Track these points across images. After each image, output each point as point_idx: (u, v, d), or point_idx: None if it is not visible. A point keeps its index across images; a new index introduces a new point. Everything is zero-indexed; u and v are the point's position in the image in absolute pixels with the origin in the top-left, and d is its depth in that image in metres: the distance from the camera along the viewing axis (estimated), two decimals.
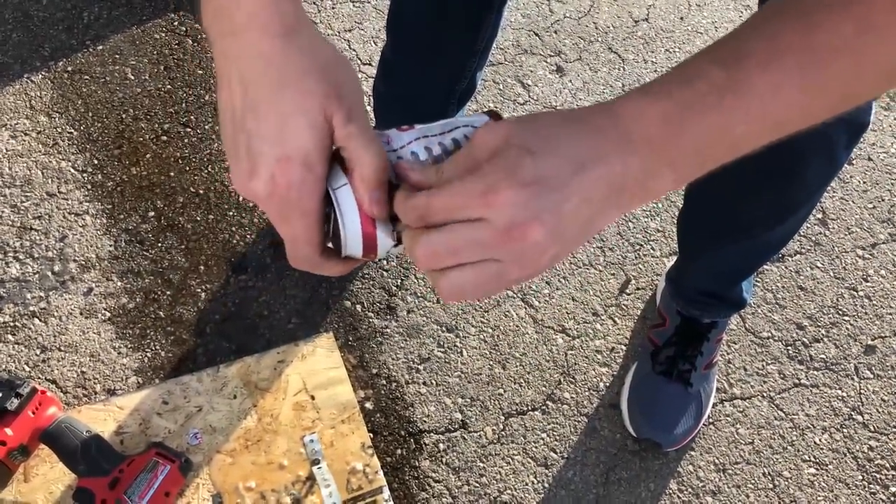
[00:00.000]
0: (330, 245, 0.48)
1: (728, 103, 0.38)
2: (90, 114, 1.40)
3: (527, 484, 1.14)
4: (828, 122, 0.89)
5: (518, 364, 1.23)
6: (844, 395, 1.25)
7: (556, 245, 0.39)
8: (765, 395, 1.24)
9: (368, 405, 1.18)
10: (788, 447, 1.20)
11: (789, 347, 1.28)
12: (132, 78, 1.45)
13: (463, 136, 0.47)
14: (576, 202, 0.38)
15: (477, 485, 1.13)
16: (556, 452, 1.17)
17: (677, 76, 0.40)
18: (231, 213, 1.32)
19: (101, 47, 1.47)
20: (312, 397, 1.13)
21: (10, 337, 1.17)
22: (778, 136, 0.40)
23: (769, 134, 0.40)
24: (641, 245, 1.37)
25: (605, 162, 0.38)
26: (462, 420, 1.18)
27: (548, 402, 1.20)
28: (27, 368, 1.15)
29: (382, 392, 1.19)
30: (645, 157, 0.39)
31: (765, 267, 1.35)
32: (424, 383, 1.20)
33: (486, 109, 0.50)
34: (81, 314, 1.21)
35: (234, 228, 1.31)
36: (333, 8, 1.58)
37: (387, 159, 0.44)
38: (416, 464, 1.14)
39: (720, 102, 0.38)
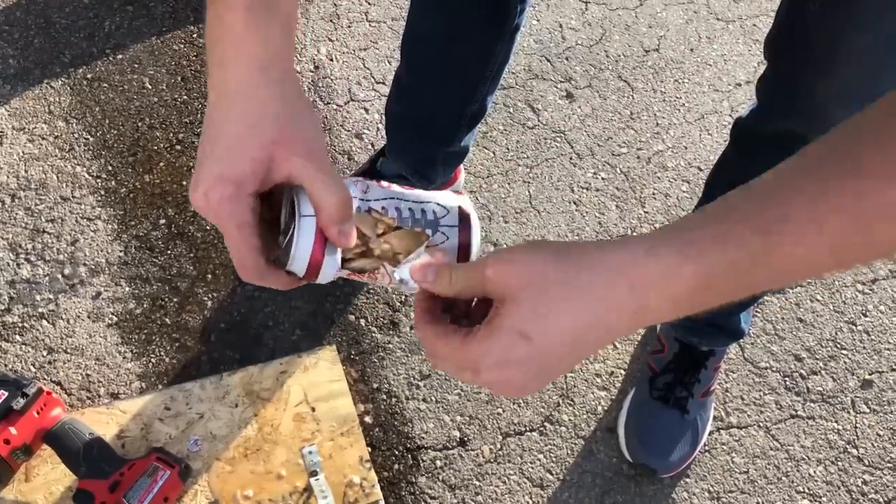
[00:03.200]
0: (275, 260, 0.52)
1: (759, 271, 0.38)
2: (107, 121, 1.42)
3: None
4: None
5: None
6: (840, 428, 1.25)
7: (539, 388, 0.44)
8: (761, 424, 1.24)
9: (368, 419, 1.19)
10: (783, 478, 1.20)
11: (787, 379, 1.29)
12: (149, 87, 1.48)
13: (433, 211, 0.52)
14: (563, 369, 0.42)
15: (472, 503, 1.14)
16: (552, 474, 1.17)
17: (712, 236, 0.38)
18: None
19: (120, 56, 1.50)
20: (313, 409, 1.15)
21: (17, 337, 1.19)
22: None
23: (783, 286, 0.41)
24: None
25: (607, 330, 0.40)
26: (460, 438, 1.19)
27: (546, 424, 1.21)
28: (33, 369, 1.17)
29: (382, 407, 1.20)
30: (654, 312, 0.39)
31: (765, 298, 1.36)
32: (424, 400, 1.21)
33: (458, 204, 0.53)
34: (89, 318, 1.22)
35: None
36: (349, 27, 1.61)
37: (348, 197, 0.48)
38: (413, 480, 1.15)
39: (752, 270, 0.38)
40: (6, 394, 1.02)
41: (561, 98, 1.58)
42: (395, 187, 0.52)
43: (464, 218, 0.52)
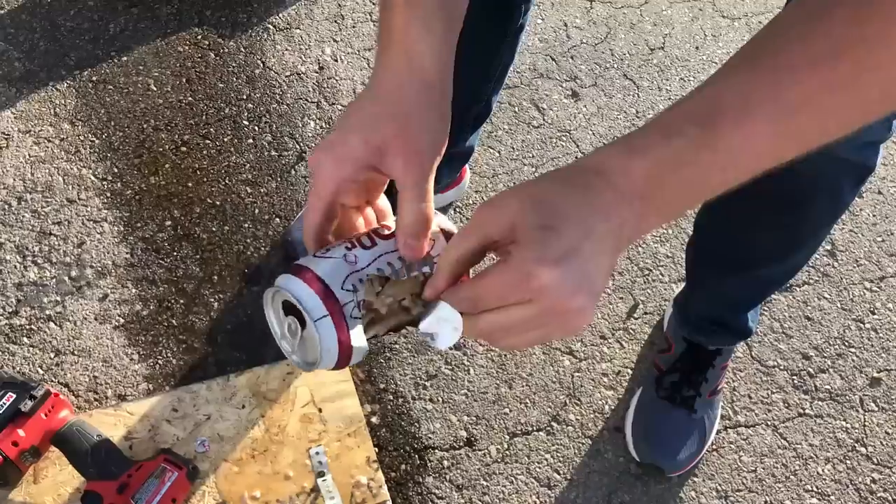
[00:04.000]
0: (291, 352, 0.52)
1: (704, 158, 0.42)
2: (112, 123, 1.43)
3: None
4: (836, 165, 0.90)
5: (524, 384, 1.24)
6: (849, 426, 1.25)
7: (592, 302, 0.43)
8: (769, 423, 1.24)
9: (375, 420, 1.19)
10: (791, 476, 1.20)
11: (795, 377, 1.29)
12: (155, 89, 1.48)
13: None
14: (596, 261, 0.42)
15: (480, 503, 1.14)
16: (559, 473, 1.17)
17: (656, 131, 0.42)
18: (246, 226, 1.34)
19: (125, 58, 1.51)
20: (320, 410, 1.15)
21: (25, 340, 1.20)
22: (752, 176, 0.43)
23: (743, 177, 0.43)
24: (650, 270, 1.38)
25: (606, 218, 0.42)
26: (467, 438, 1.19)
27: (553, 423, 1.21)
28: (41, 371, 1.17)
29: (389, 407, 1.20)
30: (636, 207, 0.42)
31: (772, 296, 1.35)
32: (431, 400, 1.21)
33: (438, 228, 0.53)
34: (96, 319, 1.23)
35: (248, 240, 1.33)
36: (354, 27, 1.61)
37: (426, 215, 0.49)
38: (421, 480, 1.15)
39: (696, 158, 0.41)
40: (14, 396, 1.02)
41: (566, 97, 1.58)
42: (379, 242, 0.51)
43: (450, 237, 0.52)
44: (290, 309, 0.50)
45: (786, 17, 0.44)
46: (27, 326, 1.21)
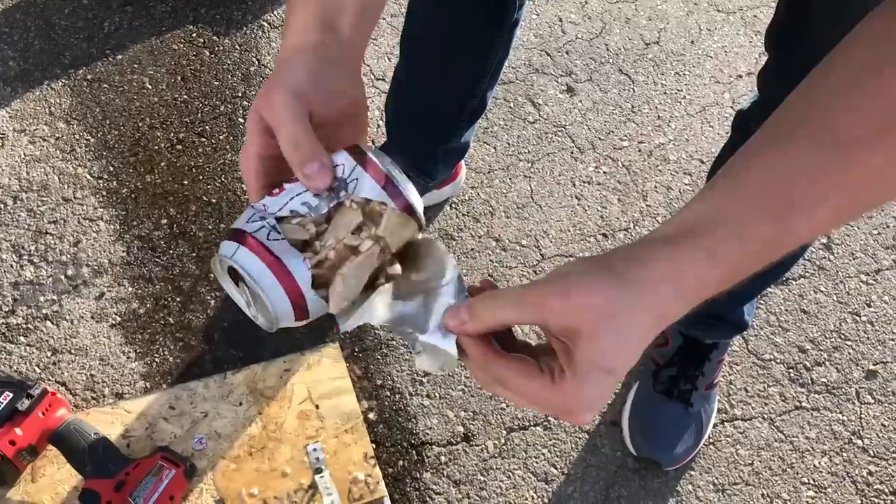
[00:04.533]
0: (256, 316, 0.50)
1: (772, 254, 0.41)
2: (107, 121, 1.42)
3: (527, 499, 1.15)
4: None
5: None
6: (845, 419, 1.25)
7: (596, 412, 0.44)
8: (765, 416, 1.24)
9: (372, 416, 1.19)
10: (788, 469, 1.20)
11: (791, 370, 1.29)
12: (149, 87, 1.48)
13: (338, 179, 0.48)
14: (623, 373, 0.42)
15: (477, 498, 1.14)
16: (556, 468, 1.18)
17: (729, 232, 0.40)
18: None
19: (120, 57, 1.50)
20: (317, 406, 1.15)
21: (22, 339, 1.20)
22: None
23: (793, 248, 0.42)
24: None
25: (654, 330, 0.41)
26: (464, 433, 1.19)
27: (549, 419, 1.21)
28: (38, 370, 1.17)
29: (386, 403, 1.20)
30: (686, 310, 0.42)
31: (768, 290, 1.36)
32: (428, 396, 1.21)
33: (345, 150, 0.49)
34: (92, 318, 1.23)
35: None
36: None
37: (305, 139, 0.46)
38: (418, 475, 1.15)
39: (765, 255, 0.41)
40: (11, 395, 1.03)
41: (561, 92, 1.58)
42: (287, 186, 0.49)
43: (355, 150, 0.49)
44: (235, 273, 0.48)
45: (828, 81, 0.41)
46: (24, 325, 1.21)
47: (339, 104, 0.49)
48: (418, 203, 0.49)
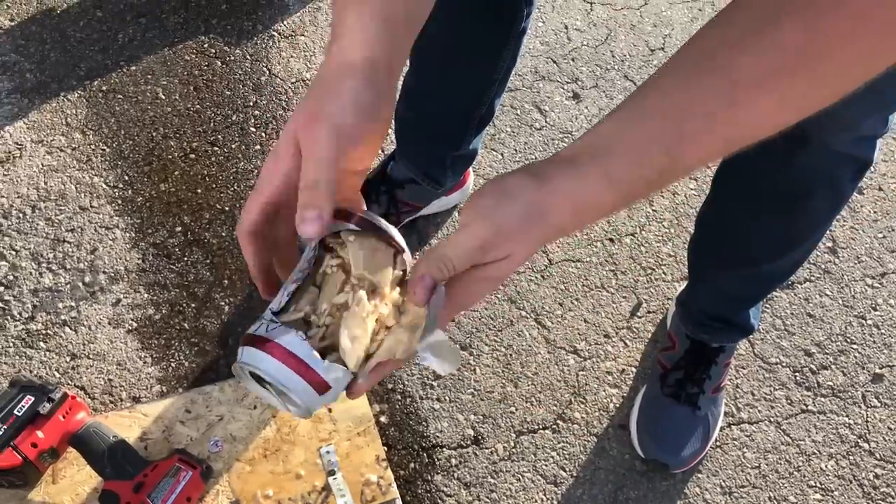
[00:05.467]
0: (288, 408, 0.51)
1: (665, 180, 0.46)
2: (122, 131, 1.45)
3: (536, 501, 1.16)
4: (834, 159, 0.92)
5: (530, 383, 1.26)
6: (851, 422, 1.26)
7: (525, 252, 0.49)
8: (772, 420, 1.26)
9: (383, 419, 1.21)
10: (794, 472, 1.22)
11: (797, 374, 1.30)
12: (163, 97, 1.51)
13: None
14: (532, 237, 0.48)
15: (487, 500, 1.16)
16: (565, 471, 1.19)
17: (626, 158, 0.45)
18: None
19: (134, 68, 1.53)
20: (330, 410, 1.17)
21: (42, 344, 1.22)
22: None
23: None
24: (653, 269, 1.40)
25: (548, 237, 0.48)
26: (474, 436, 1.21)
27: (558, 422, 1.23)
28: (57, 375, 1.20)
29: (397, 407, 1.22)
30: (581, 223, 0.48)
31: (774, 294, 1.37)
32: (438, 399, 1.23)
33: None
34: (110, 324, 1.25)
35: None
36: None
37: (309, 180, 0.48)
38: (429, 478, 1.17)
39: (659, 181, 0.46)
40: (33, 399, 1.05)
41: (568, 99, 1.60)
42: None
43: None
44: (257, 377, 0.50)
45: (731, 23, 0.44)
46: (43, 331, 1.23)
47: (371, 127, 0.50)
48: (379, 220, 0.52)
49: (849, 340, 1.34)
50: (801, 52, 0.40)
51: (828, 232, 1.45)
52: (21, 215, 1.34)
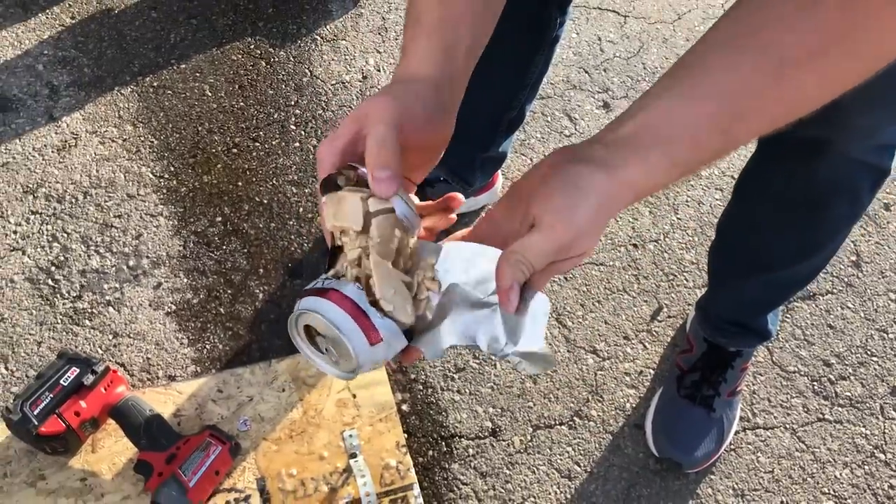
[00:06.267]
0: (337, 363, 0.53)
1: (716, 157, 0.49)
2: (170, 125, 1.53)
3: (550, 493, 1.20)
4: (853, 168, 0.94)
5: (549, 380, 1.29)
6: (868, 432, 1.27)
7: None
8: (787, 426, 1.27)
9: (405, 407, 1.25)
10: (808, 479, 1.23)
11: (815, 383, 1.32)
12: (209, 94, 1.58)
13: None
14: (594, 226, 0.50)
15: (503, 490, 1.20)
16: (579, 466, 1.22)
17: (687, 141, 0.47)
18: (291, 223, 1.43)
19: (183, 65, 1.61)
20: (354, 396, 1.22)
21: (87, 322, 1.30)
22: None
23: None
24: (675, 275, 1.42)
25: (607, 216, 0.50)
26: (492, 428, 1.25)
27: (575, 418, 1.26)
28: (100, 351, 1.27)
29: (419, 396, 1.27)
30: (637, 200, 0.50)
31: (795, 304, 1.39)
32: (459, 391, 1.28)
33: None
34: (150, 306, 1.32)
35: (292, 237, 1.41)
36: (396, 39, 1.70)
37: (389, 148, 0.49)
38: (447, 466, 1.21)
39: (712, 161, 0.49)
40: (78, 370, 1.12)
41: (598, 108, 1.63)
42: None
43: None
44: (311, 329, 0.52)
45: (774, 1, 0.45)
46: (89, 310, 1.31)
47: (429, 137, 0.53)
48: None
49: (869, 353, 1.35)
50: (839, 30, 0.43)
51: (852, 246, 1.47)
52: (73, 200, 1.42)
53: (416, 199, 0.57)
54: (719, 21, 0.47)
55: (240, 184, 1.47)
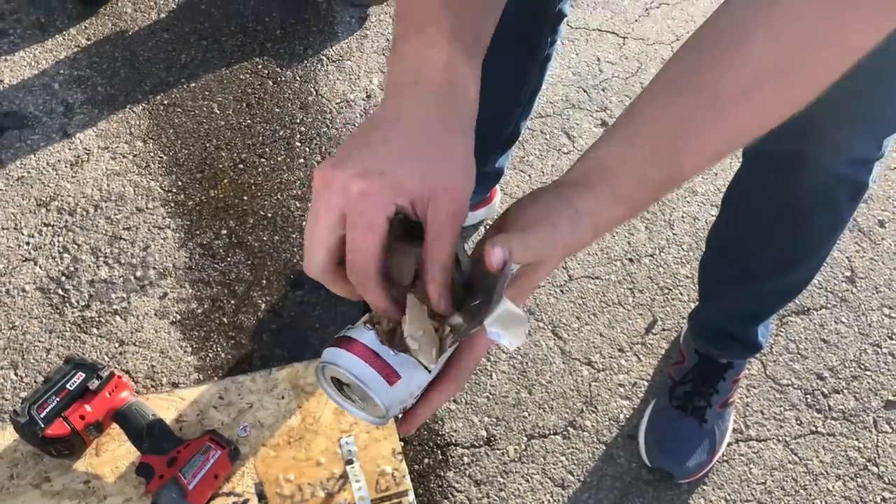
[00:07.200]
0: (365, 409, 0.52)
1: (667, 188, 0.51)
2: (179, 141, 1.58)
3: (543, 502, 1.21)
4: (831, 181, 0.96)
5: (543, 390, 1.32)
6: (861, 445, 1.28)
7: None
8: (780, 438, 1.28)
9: (401, 415, 1.28)
10: (801, 490, 1.24)
11: (808, 396, 1.33)
12: (218, 112, 1.63)
13: None
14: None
15: (496, 498, 1.21)
16: (573, 475, 1.24)
17: (631, 176, 0.49)
18: (294, 236, 1.47)
19: (193, 84, 1.67)
20: None
21: (94, 330, 1.34)
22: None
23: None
24: (670, 289, 1.44)
25: (567, 253, 0.51)
26: (487, 437, 1.27)
27: (569, 428, 1.28)
28: (106, 358, 1.31)
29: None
30: (597, 236, 0.51)
31: (789, 318, 1.40)
32: (454, 401, 1.30)
33: None
34: (156, 315, 1.36)
35: (295, 249, 1.45)
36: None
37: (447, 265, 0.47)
38: (442, 473, 1.23)
39: (661, 193, 0.51)
40: (84, 375, 1.15)
41: (596, 126, 1.67)
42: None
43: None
44: (339, 381, 0.51)
45: (705, 43, 0.48)
46: (97, 319, 1.35)
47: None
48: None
49: (862, 367, 1.36)
50: (770, 64, 0.46)
51: (847, 261, 1.48)
52: (84, 213, 1.47)
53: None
54: (667, 63, 0.51)
55: (245, 198, 1.51)
